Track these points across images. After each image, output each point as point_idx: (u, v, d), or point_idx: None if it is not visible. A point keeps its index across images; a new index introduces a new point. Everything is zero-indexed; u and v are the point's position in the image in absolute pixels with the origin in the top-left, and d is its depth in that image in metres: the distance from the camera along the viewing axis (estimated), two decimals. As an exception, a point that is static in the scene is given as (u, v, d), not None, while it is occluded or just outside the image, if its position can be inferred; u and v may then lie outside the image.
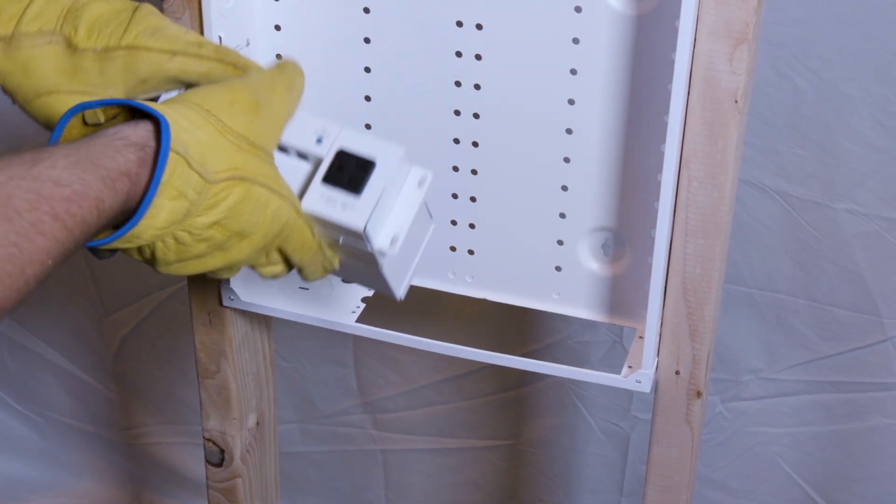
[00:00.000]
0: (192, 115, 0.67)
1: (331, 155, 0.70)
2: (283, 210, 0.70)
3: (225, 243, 0.69)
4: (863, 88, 1.05)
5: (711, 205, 0.77)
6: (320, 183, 0.69)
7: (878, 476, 1.25)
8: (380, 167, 0.69)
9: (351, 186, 0.68)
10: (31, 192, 0.60)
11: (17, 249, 0.58)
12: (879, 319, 1.16)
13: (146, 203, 0.64)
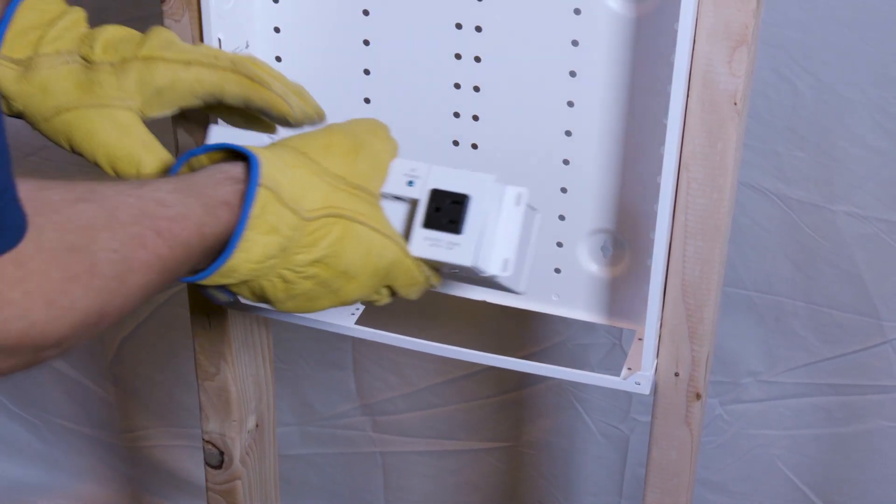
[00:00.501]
0: (287, 156, 0.69)
1: (425, 196, 0.72)
2: (388, 249, 0.71)
3: (332, 283, 0.70)
4: (862, 91, 1.05)
5: (711, 207, 0.77)
6: (421, 228, 0.72)
7: (878, 479, 1.25)
8: (475, 199, 0.71)
9: (451, 226, 0.71)
10: (136, 208, 0.61)
11: (118, 256, 0.59)
12: (879, 322, 1.16)
13: (237, 235, 0.65)
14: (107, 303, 0.59)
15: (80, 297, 0.57)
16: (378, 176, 0.73)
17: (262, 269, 0.67)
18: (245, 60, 0.75)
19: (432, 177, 0.72)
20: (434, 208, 0.72)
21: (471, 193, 0.71)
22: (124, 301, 0.60)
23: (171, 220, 0.62)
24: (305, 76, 0.86)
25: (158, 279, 0.62)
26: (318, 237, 0.68)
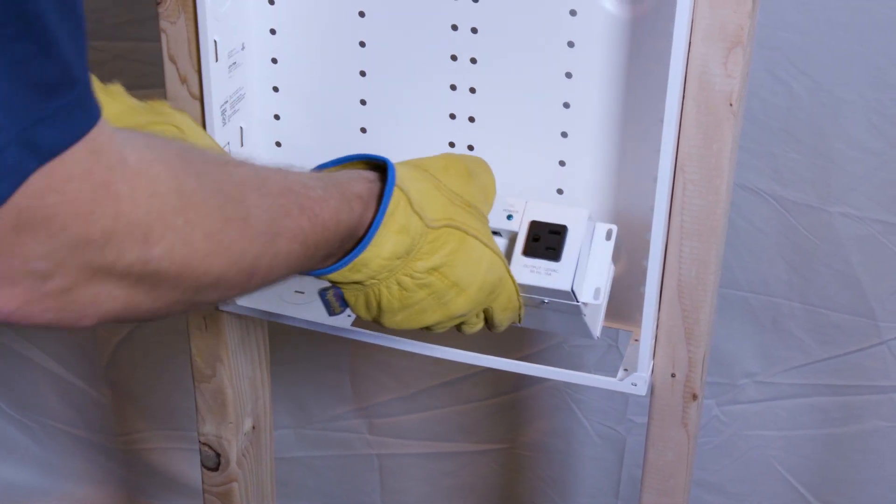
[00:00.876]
0: (412, 172, 0.73)
1: (524, 228, 0.77)
2: (497, 265, 0.74)
3: (444, 295, 0.72)
4: (857, 92, 1.05)
5: (707, 208, 0.77)
6: (521, 256, 0.77)
7: (875, 479, 1.25)
8: (571, 231, 0.77)
9: (550, 253, 0.76)
10: (282, 183, 0.64)
11: (268, 217, 0.61)
12: (875, 323, 1.16)
13: (375, 226, 0.68)
14: (258, 256, 0.61)
15: (236, 239, 0.58)
16: (486, 201, 0.78)
17: (389, 267, 0.70)
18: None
19: (529, 210, 0.78)
20: (533, 238, 0.77)
21: (567, 224, 0.77)
22: (272, 262, 0.62)
23: (312, 200, 0.65)
24: (301, 78, 0.86)
25: (301, 252, 0.64)
26: (438, 246, 0.72)
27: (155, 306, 0.56)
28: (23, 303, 0.50)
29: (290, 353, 1.36)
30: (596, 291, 0.77)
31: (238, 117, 0.86)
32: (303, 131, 0.88)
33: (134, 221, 0.52)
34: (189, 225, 0.55)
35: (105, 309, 0.53)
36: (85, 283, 0.51)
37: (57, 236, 0.49)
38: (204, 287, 0.57)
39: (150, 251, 0.53)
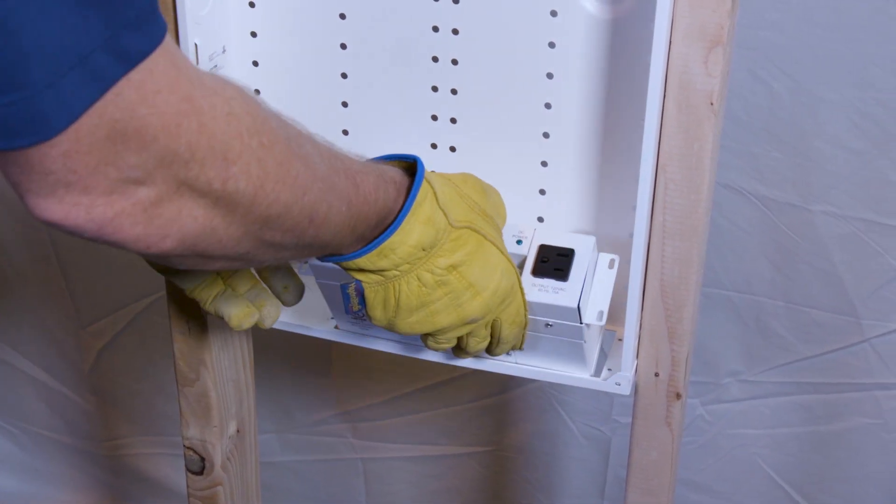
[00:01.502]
0: (437, 176, 0.75)
1: (533, 251, 0.80)
2: (510, 273, 0.77)
3: (460, 296, 0.74)
4: (838, 91, 1.06)
5: (688, 207, 0.77)
6: (530, 276, 0.79)
7: (858, 476, 1.25)
8: (578, 254, 0.80)
9: (558, 274, 0.79)
10: (331, 153, 0.67)
11: (325, 170, 0.64)
12: (857, 321, 1.17)
13: (404, 212, 0.71)
14: (317, 201, 0.63)
15: (301, 173, 0.61)
16: (500, 217, 0.80)
17: (413, 257, 0.72)
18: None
19: (538, 236, 0.81)
20: (541, 259, 0.80)
21: (575, 249, 0.80)
22: (327, 213, 0.64)
23: (356, 171, 0.68)
24: (282, 80, 0.86)
25: (346, 216, 0.66)
26: (459, 245, 0.74)
27: (228, 234, 0.58)
28: (117, 213, 0.52)
29: (273, 358, 1.35)
30: (599, 314, 0.80)
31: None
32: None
33: (215, 137, 0.54)
34: (263, 148, 0.57)
35: (186, 229, 0.55)
36: (170, 196, 0.54)
37: (147, 148, 0.51)
38: (272, 219, 0.60)
39: (229, 169, 0.55)
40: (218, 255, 0.60)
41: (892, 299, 1.15)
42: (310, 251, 0.68)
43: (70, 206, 0.51)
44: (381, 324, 0.76)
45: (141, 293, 1.39)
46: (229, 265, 0.64)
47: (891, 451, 1.22)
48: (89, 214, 0.52)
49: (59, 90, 0.48)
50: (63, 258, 1.39)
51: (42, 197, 0.51)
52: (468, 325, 0.77)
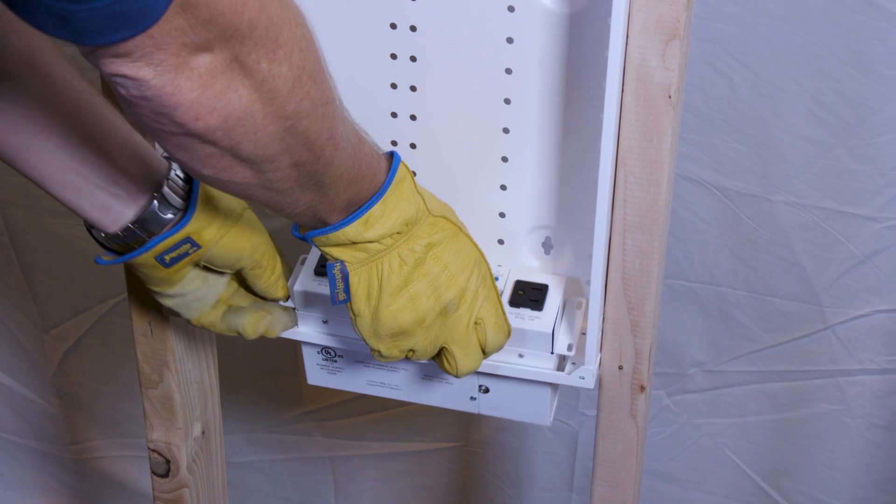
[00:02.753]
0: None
1: (510, 286, 0.84)
2: (483, 263, 0.80)
3: (437, 279, 0.77)
4: (796, 82, 1.06)
5: (648, 200, 0.78)
6: (507, 305, 0.83)
7: (823, 462, 1.26)
8: (552, 290, 0.84)
9: (533, 305, 0.83)
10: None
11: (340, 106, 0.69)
12: (820, 308, 1.18)
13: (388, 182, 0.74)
14: (335, 122, 0.67)
15: (328, 85, 0.66)
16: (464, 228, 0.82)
17: (396, 231, 0.75)
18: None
19: (513, 274, 0.85)
20: (517, 291, 0.84)
21: (549, 284, 0.84)
22: (341, 140, 0.68)
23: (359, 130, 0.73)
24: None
25: (351, 160, 0.70)
26: (435, 229, 0.77)
27: (264, 126, 0.62)
28: (178, 72, 0.57)
29: (239, 358, 1.35)
30: (569, 346, 0.83)
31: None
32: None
33: (272, 19, 0.59)
34: (304, 40, 0.62)
35: (231, 106, 0.60)
36: (224, 69, 0.58)
37: (214, 20, 0.57)
38: (302, 116, 0.64)
39: (277, 51, 0.60)
40: (248, 156, 0.63)
41: (853, 287, 1.15)
42: (314, 195, 0.70)
43: (142, 65, 0.56)
44: (366, 320, 0.77)
45: (104, 295, 1.38)
46: (248, 181, 0.66)
47: (855, 436, 1.23)
48: (157, 70, 0.56)
49: None
50: (25, 262, 1.37)
51: (119, 56, 0.56)
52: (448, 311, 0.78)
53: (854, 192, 1.10)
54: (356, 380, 0.89)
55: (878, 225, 1.12)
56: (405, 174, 0.76)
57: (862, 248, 1.13)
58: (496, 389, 0.87)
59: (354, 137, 0.71)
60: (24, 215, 1.34)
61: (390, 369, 0.88)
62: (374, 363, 0.88)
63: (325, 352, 0.88)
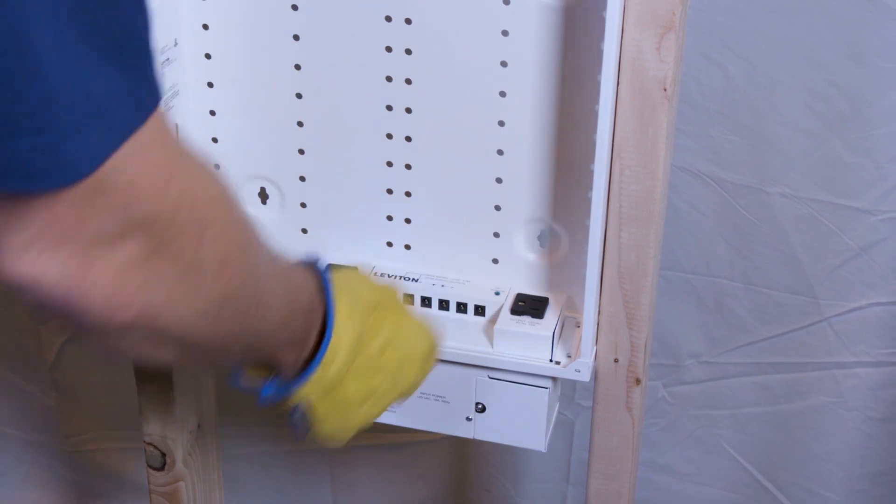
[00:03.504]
0: (337, 268, 0.75)
1: (511, 298, 0.86)
2: (429, 334, 0.79)
3: (398, 371, 0.75)
4: (791, 73, 1.06)
5: (644, 193, 0.78)
6: (508, 314, 0.85)
7: (819, 454, 1.26)
8: (552, 303, 0.85)
9: (534, 313, 0.84)
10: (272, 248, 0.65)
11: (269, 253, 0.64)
12: (815, 300, 1.18)
13: (329, 311, 0.70)
14: (267, 279, 0.62)
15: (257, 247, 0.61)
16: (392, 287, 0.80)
17: (352, 353, 0.71)
18: None
19: (514, 289, 0.86)
20: (519, 301, 0.85)
21: (549, 298, 0.86)
22: (272, 297, 0.63)
23: (285, 264, 0.68)
24: (236, 73, 0.85)
25: (284, 304, 0.66)
26: (380, 325, 0.75)
27: (190, 309, 0.56)
28: (90, 269, 0.50)
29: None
30: (568, 358, 0.84)
31: (173, 114, 0.85)
32: (239, 127, 0.87)
33: (197, 200, 0.54)
34: (231, 217, 0.58)
35: (152, 298, 0.53)
36: (144, 258, 0.52)
37: (133, 205, 0.50)
38: (231, 297, 0.59)
39: (204, 234, 0.55)
40: (173, 340, 0.57)
41: (848, 279, 1.16)
42: (249, 351, 0.67)
43: (46, 260, 0.49)
44: (335, 434, 0.75)
45: (100, 287, 1.37)
46: (174, 356, 0.60)
47: (850, 428, 1.24)
48: (64, 268, 0.50)
49: (85, 136, 0.48)
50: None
51: (15, 249, 0.49)
52: (409, 392, 0.78)
53: (850, 184, 1.10)
54: None
55: (873, 217, 1.12)
56: (338, 286, 0.71)
57: (858, 241, 1.13)
58: (492, 408, 0.87)
59: (283, 280, 0.66)
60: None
61: None
62: None
63: None
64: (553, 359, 0.83)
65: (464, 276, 0.88)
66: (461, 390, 0.86)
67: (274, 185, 0.89)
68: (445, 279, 0.87)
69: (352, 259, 0.89)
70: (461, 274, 0.88)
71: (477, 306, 0.86)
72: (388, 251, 0.89)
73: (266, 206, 0.90)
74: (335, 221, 0.89)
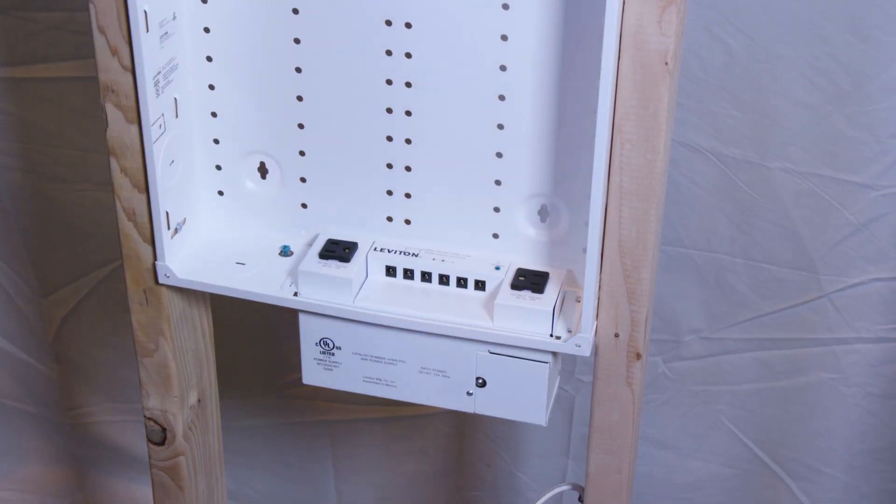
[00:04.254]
0: None
1: (511, 274, 0.85)
2: None
3: None
4: (792, 48, 1.06)
5: (645, 167, 0.77)
6: (509, 289, 0.84)
7: (820, 430, 1.26)
8: (552, 278, 0.85)
9: (534, 288, 0.84)
10: None
11: None
12: (816, 276, 1.18)
13: None
14: None
15: None
16: None
17: None
18: None
19: (515, 263, 0.86)
20: (519, 276, 0.84)
21: (549, 272, 0.85)
22: None
23: None
24: (235, 46, 0.85)
25: None
26: None
27: None
28: None
29: (236, 323, 1.35)
30: (568, 333, 0.83)
31: (172, 88, 0.85)
32: (238, 100, 0.87)
33: None
34: None
35: None
36: None
37: None
38: None
39: None
40: None
41: (849, 254, 1.15)
42: None
43: None
44: None
45: (103, 260, 1.38)
46: None
47: (850, 404, 1.24)
48: None
49: None
50: (23, 226, 1.37)
51: None
52: None
53: (851, 159, 1.10)
54: (352, 376, 0.89)
55: (874, 192, 1.12)
56: None
57: (858, 216, 1.13)
58: (493, 383, 0.87)
59: None
60: (23, 179, 1.34)
61: (388, 363, 0.88)
62: (371, 357, 0.88)
63: (324, 344, 0.88)
64: (553, 333, 0.83)
65: (464, 251, 0.87)
66: (461, 365, 0.86)
67: (273, 160, 0.89)
68: (445, 254, 0.87)
69: (352, 234, 0.89)
70: (461, 249, 0.87)
71: (477, 281, 0.86)
72: (388, 226, 0.89)
73: (266, 180, 0.90)
74: (335, 196, 0.89)
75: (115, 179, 0.86)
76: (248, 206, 0.91)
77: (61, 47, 1.24)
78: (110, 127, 0.84)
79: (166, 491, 0.99)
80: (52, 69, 1.26)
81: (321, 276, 0.86)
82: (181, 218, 0.89)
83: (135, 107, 0.82)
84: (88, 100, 1.25)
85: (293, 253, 0.90)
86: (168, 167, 0.86)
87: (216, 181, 0.91)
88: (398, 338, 0.86)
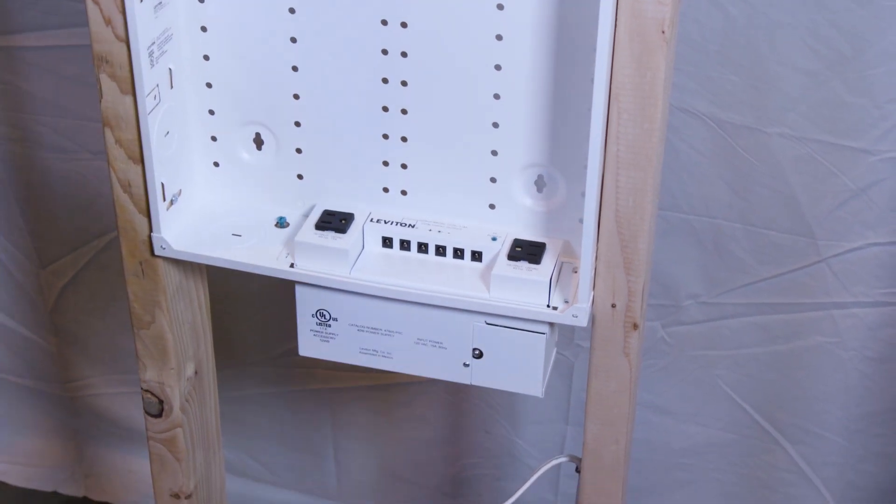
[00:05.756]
0: None
1: (508, 244, 0.85)
2: None
3: None
4: (791, 14, 1.05)
5: (642, 136, 0.77)
6: (505, 259, 0.84)
7: (818, 395, 1.27)
8: (549, 248, 0.85)
9: (531, 259, 0.84)
10: None
11: None
12: (814, 241, 1.17)
13: None
14: None
15: None
16: None
17: None
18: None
19: (512, 234, 0.86)
20: (516, 248, 0.84)
21: (546, 243, 0.85)
22: None
23: None
24: (229, 16, 0.85)
25: None
26: None
27: None
28: None
29: (233, 292, 1.35)
30: (565, 300, 0.83)
31: (166, 58, 0.84)
32: (233, 71, 0.86)
33: None
34: None
35: None
36: None
37: None
38: None
39: None
40: None
41: (847, 219, 1.15)
42: None
43: None
44: None
45: (101, 230, 1.37)
46: None
47: (848, 368, 1.24)
48: None
49: None
50: (21, 197, 1.37)
51: None
52: None
53: (849, 124, 1.10)
54: (349, 347, 0.89)
55: (872, 158, 1.11)
56: None
57: (857, 181, 1.13)
58: (489, 354, 0.86)
59: None
60: (20, 150, 1.33)
61: (384, 334, 0.88)
62: (367, 328, 0.88)
63: (320, 315, 0.88)
64: (550, 304, 0.83)
65: (460, 222, 0.87)
66: (458, 336, 0.86)
67: (269, 131, 0.89)
68: (442, 225, 0.87)
69: (348, 205, 0.89)
70: (458, 219, 0.87)
71: (474, 252, 0.85)
72: (385, 197, 0.88)
73: (261, 151, 0.89)
74: (331, 167, 0.88)
75: (110, 151, 0.85)
76: (243, 178, 0.91)
77: (59, 15, 1.23)
78: (105, 98, 0.84)
79: (164, 463, 0.99)
80: (47, 37, 1.25)
81: (317, 248, 0.85)
82: (177, 189, 0.88)
83: (129, 77, 0.82)
84: (84, 68, 1.24)
85: (289, 224, 0.90)
86: (163, 138, 0.85)
87: (212, 152, 0.90)
88: (395, 309, 0.86)
